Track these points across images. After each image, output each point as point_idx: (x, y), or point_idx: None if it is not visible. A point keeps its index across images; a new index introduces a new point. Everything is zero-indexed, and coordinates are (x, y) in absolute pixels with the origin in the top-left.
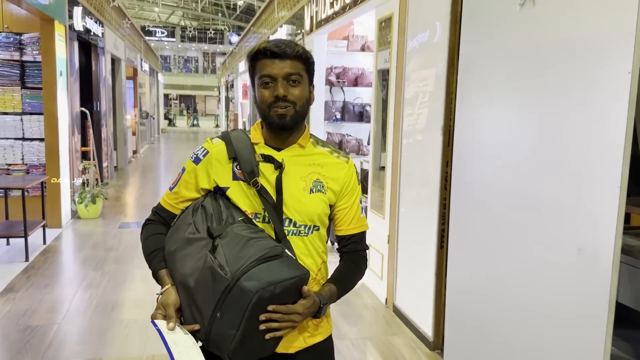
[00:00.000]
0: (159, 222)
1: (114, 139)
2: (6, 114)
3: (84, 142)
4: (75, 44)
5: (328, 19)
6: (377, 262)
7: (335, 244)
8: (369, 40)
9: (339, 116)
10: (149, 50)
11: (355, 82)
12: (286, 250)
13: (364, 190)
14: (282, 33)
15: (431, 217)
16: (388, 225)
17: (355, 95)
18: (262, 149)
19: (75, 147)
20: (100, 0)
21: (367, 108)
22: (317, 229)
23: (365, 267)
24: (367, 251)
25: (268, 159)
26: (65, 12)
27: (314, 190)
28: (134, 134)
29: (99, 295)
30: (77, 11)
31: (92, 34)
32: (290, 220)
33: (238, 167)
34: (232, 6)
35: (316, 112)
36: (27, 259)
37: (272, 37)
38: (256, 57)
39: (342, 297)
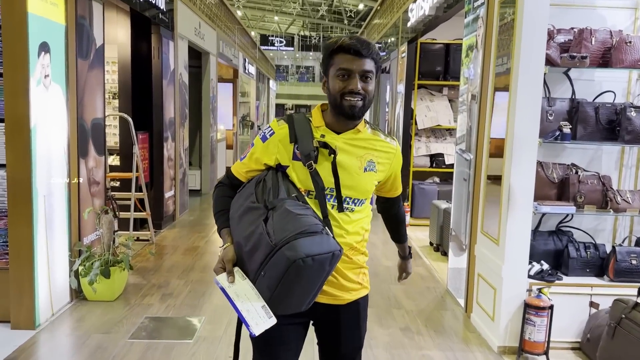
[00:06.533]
0: (228, 186)
1: (199, 156)
2: None
3: (128, 165)
4: (98, 6)
5: None
6: None
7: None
8: None
9: (567, 130)
10: (260, 53)
11: (603, 60)
12: (326, 228)
13: None
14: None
15: None
16: None
17: (597, 88)
18: (324, 131)
19: (92, 177)
20: None
21: (631, 114)
22: (364, 202)
23: (403, 208)
24: (402, 201)
25: (324, 145)
26: None
27: (367, 169)
28: (230, 147)
29: None
30: None
31: (142, 1)
32: (348, 198)
33: (298, 149)
34: (349, 14)
35: (522, 121)
36: None
37: (412, 6)
38: (337, 51)
39: None
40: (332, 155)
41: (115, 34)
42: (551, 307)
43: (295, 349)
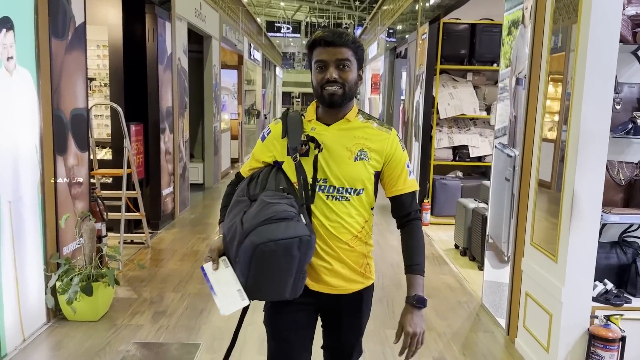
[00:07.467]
0: (236, 184)
1: (202, 148)
2: None
3: (121, 159)
4: None
5: None
6: None
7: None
8: None
9: None
10: (266, 39)
11: None
12: (301, 216)
13: None
14: None
15: None
16: None
17: None
18: (314, 124)
19: (73, 177)
20: None
21: None
22: (361, 192)
23: (421, 227)
24: (418, 211)
25: (311, 139)
26: None
27: (358, 158)
28: (235, 137)
29: None
30: None
31: None
32: (334, 187)
33: (288, 144)
34: None
35: (590, 111)
36: None
37: None
38: (313, 46)
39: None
40: (317, 150)
41: (105, 14)
42: (622, 339)
43: (305, 334)
